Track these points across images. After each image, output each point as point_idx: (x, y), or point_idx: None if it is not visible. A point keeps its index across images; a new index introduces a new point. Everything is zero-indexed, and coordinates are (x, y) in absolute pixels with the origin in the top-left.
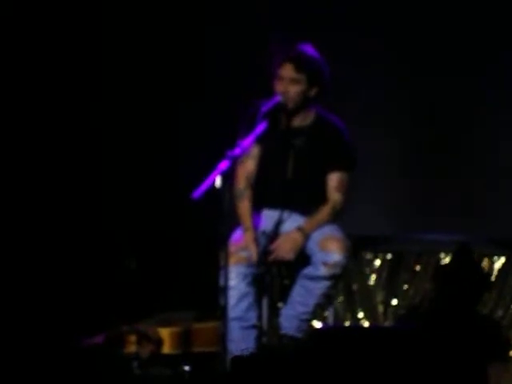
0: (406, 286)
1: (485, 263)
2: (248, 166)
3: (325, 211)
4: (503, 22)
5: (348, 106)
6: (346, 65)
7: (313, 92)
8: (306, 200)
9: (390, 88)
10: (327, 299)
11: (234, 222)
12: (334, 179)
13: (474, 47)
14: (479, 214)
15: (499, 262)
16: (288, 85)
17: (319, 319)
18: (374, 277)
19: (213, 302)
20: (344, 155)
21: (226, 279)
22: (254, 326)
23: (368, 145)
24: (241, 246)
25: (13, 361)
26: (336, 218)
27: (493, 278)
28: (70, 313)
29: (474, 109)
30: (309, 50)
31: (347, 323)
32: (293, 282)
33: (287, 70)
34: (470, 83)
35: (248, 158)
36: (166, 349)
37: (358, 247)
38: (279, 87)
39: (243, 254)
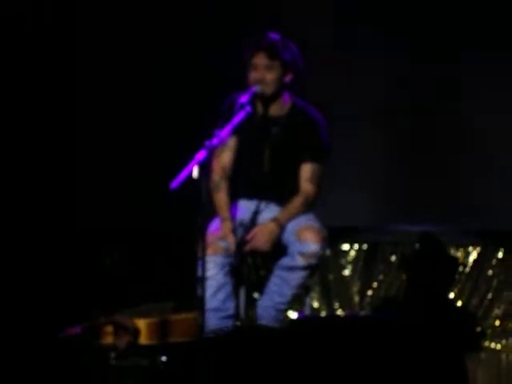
0: (381, 277)
1: (460, 254)
2: (224, 158)
3: (297, 202)
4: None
5: (329, 96)
6: (330, 52)
7: (288, 78)
8: (282, 190)
9: (374, 80)
10: (304, 289)
11: (211, 213)
12: (306, 170)
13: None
14: (454, 204)
15: (474, 253)
16: (263, 72)
17: (295, 309)
18: (349, 267)
19: (191, 293)
20: (317, 146)
21: (204, 269)
22: (231, 316)
23: (345, 136)
24: (218, 237)
25: None
26: (308, 208)
27: (468, 269)
28: (47, 304)
29: (453, 101)
30: (278, 37)
31: (323, 313)
32: (269, 272)
33: (261, 58)
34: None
35: (224, 150)
36: (143, 340)
37: (334, 238)
38: (255, 75)
39: (221, 244)
